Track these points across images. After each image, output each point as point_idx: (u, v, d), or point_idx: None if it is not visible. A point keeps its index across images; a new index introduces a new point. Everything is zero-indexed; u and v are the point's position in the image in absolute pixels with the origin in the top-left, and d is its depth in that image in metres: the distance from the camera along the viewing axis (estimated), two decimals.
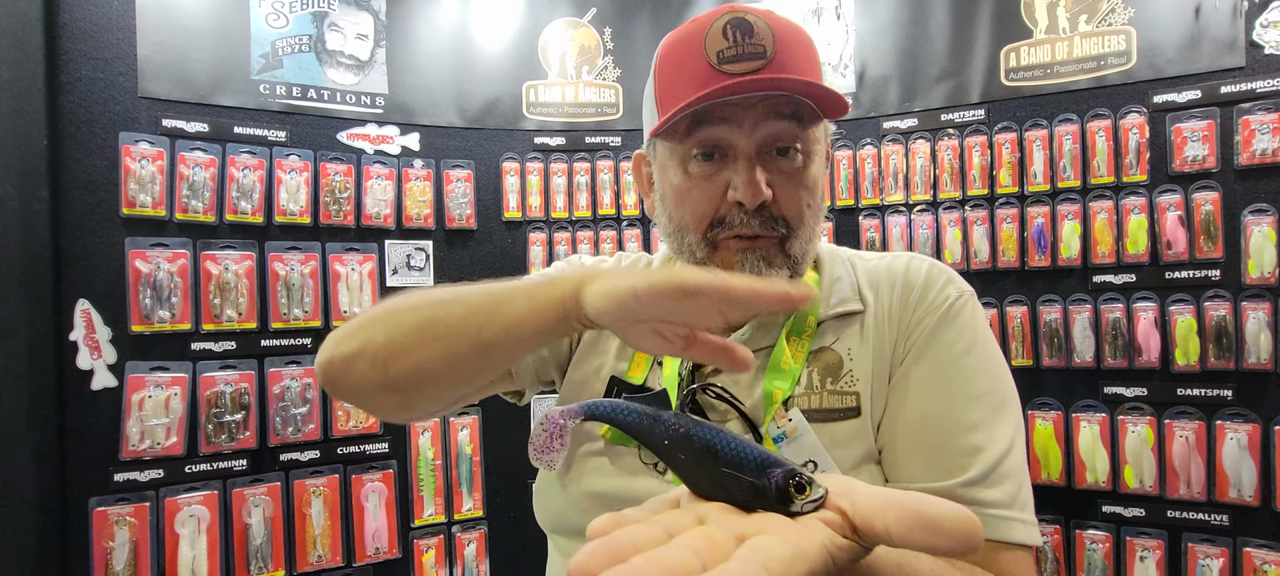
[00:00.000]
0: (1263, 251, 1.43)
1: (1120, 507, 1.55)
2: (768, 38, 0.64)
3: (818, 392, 0.67)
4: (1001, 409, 0.64)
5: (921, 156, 1.74)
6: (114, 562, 1.41)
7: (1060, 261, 1.61)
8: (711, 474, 0.35)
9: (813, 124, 0.67)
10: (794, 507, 0.32)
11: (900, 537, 0.30)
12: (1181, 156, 1.51)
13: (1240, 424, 1.44)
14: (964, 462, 0.61)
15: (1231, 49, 1.47)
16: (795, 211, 0.67)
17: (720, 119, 0.65)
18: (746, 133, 0.65)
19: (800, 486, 0.32)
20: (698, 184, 0.67)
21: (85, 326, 1.42)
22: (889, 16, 1.78)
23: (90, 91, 1.44)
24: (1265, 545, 1.42)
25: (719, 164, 0.67)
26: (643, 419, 0.39)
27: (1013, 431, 0.63)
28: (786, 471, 0.33)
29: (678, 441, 0.36)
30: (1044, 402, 1.62)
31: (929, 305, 0.68)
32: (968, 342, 0.66)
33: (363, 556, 1.63)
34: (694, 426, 0.36)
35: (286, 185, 1.59)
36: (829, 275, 0.73)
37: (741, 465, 0.34)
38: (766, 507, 0.33)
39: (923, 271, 0.71)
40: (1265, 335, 1.42)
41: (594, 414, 0.41)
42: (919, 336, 0.67)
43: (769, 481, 0.33)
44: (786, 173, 0.66)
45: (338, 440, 1.63)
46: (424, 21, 1.76)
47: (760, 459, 0.34)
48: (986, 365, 0.66)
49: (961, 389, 0.64)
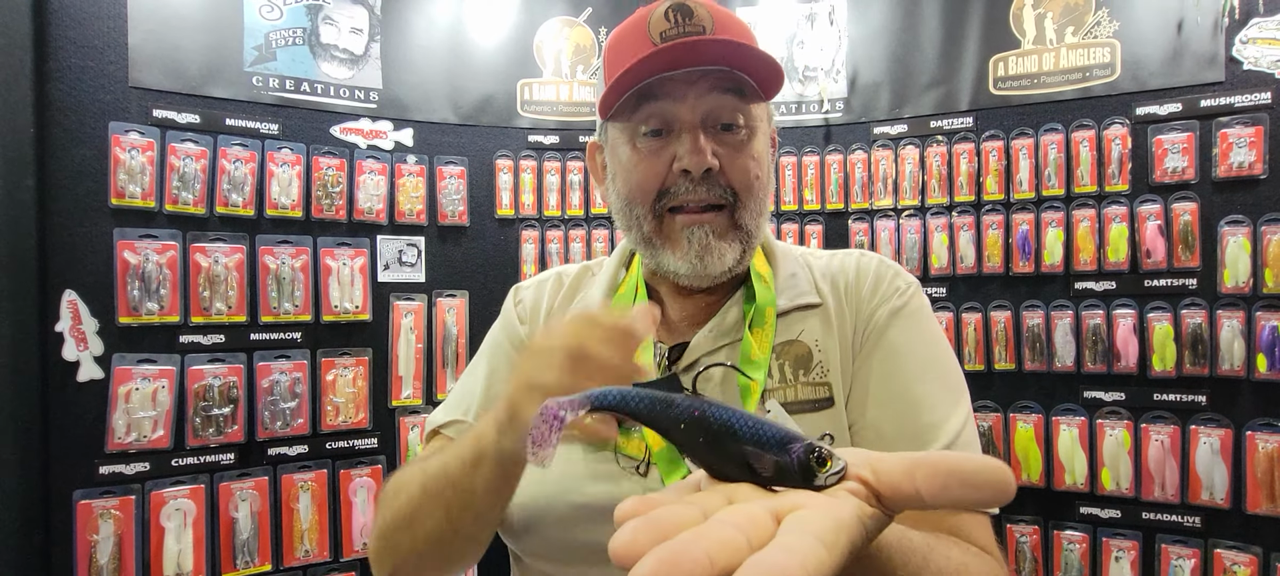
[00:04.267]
0: (1238, 261, 1.47)
1: (1097, 509, 1.59)
2: (707, 19, 0.67)
3: (792, 385, 0.69)
4: (956, 389, 0.69)
5: (910, 162, 1.77)
6: (98, 556, 1.40)
7: (1043, 268, 1.64)
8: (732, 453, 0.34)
9: (754, 100, 0.71)
10: (817, 481, 0.32)
11: (932, 496, 0.30)
12: (1162, 167, 1.55)
13: (1213, 429, 1.49)
14: (927, 437, 0.65)
15: (1212, 64, 1.51)
16: (743, 181, 0.69)
17: (665, 94, 0.68)
18: (689, 106, 0.68)
19: (822, 459, 0.32)
20: (645, 158, 0.70)
21: (72, 317, 1.41)
22: (881, 24, 1.81)
23: (80, 80, 1.42)
24: (1235, 546, 1.46)
25: (666, 139, 0.69)
26: (655, 404, 0.37)
27: (967, 408, 0.68)
28: (807, 446, 0.32)
29: (694, 424, 0.35)
30: (1025, 405, 1.66)
31: (882, 295, 0.72)
32: (919, 329, 0.71)
33: (350, 551, 1.63)
34: (709, 407, 0.35)
35: (278, 178, 1.58)
36: (785, 270, 0.76)
37: (762, 442, 0.33)
38: (790, 484, 0.32)
39: (873, 265, 0.75)
40: (1239, 343, 1.47)
41: (601, 403, 0.38)
42: (876, 325, 0.71)
43: (792, 456, 0.32)
44: (732, 145, 0.70)
45: (326, 435, 1.62)
46: (419, 17, 1.75)
47: (780, 435, 0.33)
48: (938, 351, 0.71)
49: (919, 371, 0.68)
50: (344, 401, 1.64)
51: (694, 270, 0.70)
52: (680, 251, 0.70)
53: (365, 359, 1.66)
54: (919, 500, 0.31)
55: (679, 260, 0.70)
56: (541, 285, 0.84)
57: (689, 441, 0.35)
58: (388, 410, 1.70)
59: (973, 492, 0.30)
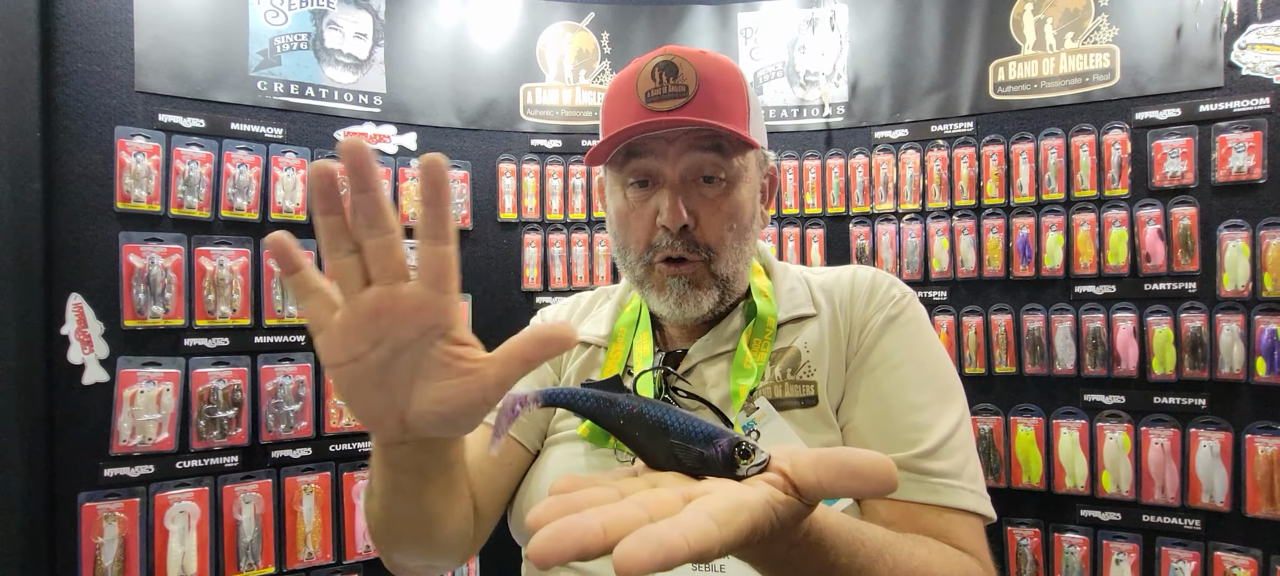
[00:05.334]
0: (1237, 265, 1.48)
1: (1098, 511, 1.59)
2: (691, 78, 0.71)
3: (780, 384, 0.74)
4: (947, 393, 0.72)
5: (911, 166, 1.78)
6: (103, 558, 1.40)
7: (1043, 272, 1.65)
8: (664, 447, 0.37)
9: (736, 153, 0.74)
10: (739, 472, 0.35)
11: (829, 485, 0.34)
12: (1161, 172, 1.56)
13: (1213, 432, 1.49)
14: (915, 437, 0.67)
15: (1211, 69, 1.52)
16: (717, 237, 0.74)
17: (648, 151, 0.73)
18: (670, 163, 0.73)
19: (745, 453, 0.35)
20: (634, 209, 0.76)
21: (77, 320, 1.41)
22: (882, 29, 1.82)
23: (86, 85, 1.43)
24: (1235, 549, 1.47)
25: (650, 191, 0.75)
26: (598, 402, 0.41)
27: (959, 413, 0.71)
28: (732, 440, 0.36)
29: (632, 420, 0.39)
30: (1026, 409, 1.67)
31: (878, 303, 0.76)
32: (913, 335, 0.74)
33: (353, 553, 1.63)
34: (646, 405, 0.39)
35: (283, 182, 1.59)
36: (784, 286, 0.81)
37: (690, 437, 0.37)
38: (715, 474, 0.36)
39: (869, 276, 0.79)
40: (1238, 346, 1.47)
41: (552, 399, 0.43)
42: (872, 331, 0.75)
43: (716, 449, 0.36)
44: (710, 199, 0.74)
45: (330, 437, 1.63)
46: (423, 21, 1.76)
47: (707, 431, 0.37)
48: (931, 355, 0.74)
49: (910, 376, 0.71)
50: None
51: (674, 315, 0.76)
52: (664, 296, 0.75)
53: None
54: (821, 489, 0.35)
55: (662, 304, 0.76)
56: (560, 308, 0.91)
57: (629, 435, 0.39)
58: None
59: (860, 483, 0.34)
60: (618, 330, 0.81)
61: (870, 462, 0.34)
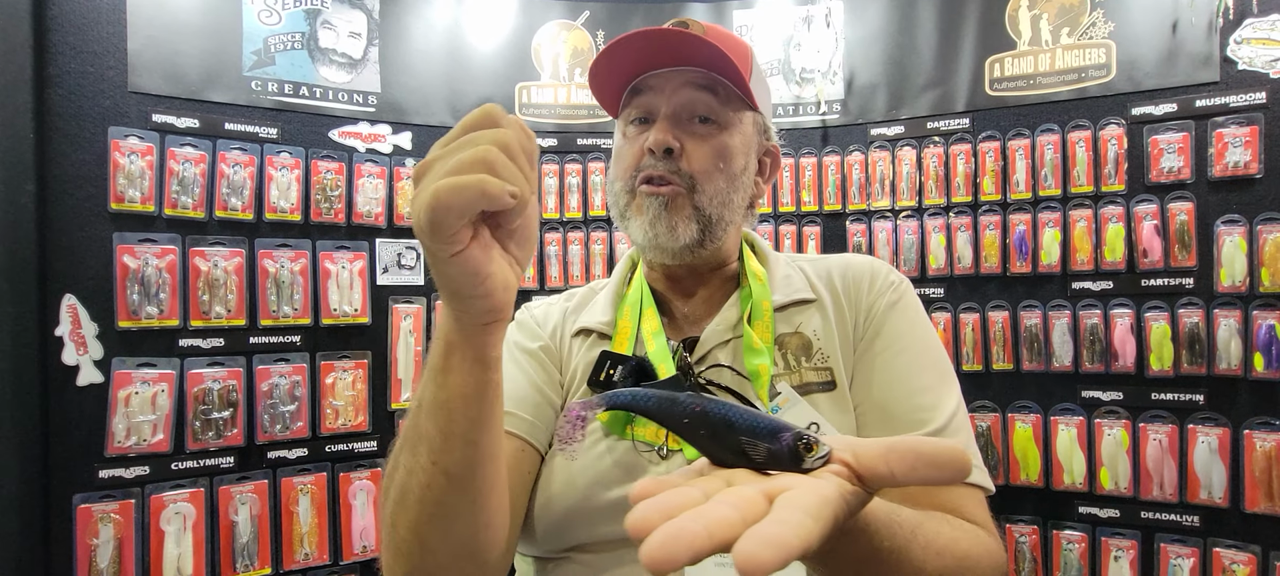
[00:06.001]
0: (1234, 261, 1.48)
1: (1096, 508, 1.59)
2: (698, 29, 0.76)
3: (796, 371, 0.76)
4: (947, 376, 0.76)
5: (907, 163, 1.77)
6: (98, 560, 1.40)
7: (1041, 268, 1.65)
8: (730, 443, 0.38)
9: (732, 105, 0.78)
10: (805, 465, 0.36)
11: (903, 475, 0.35)
12: (1158, 167, 1.56)
13: (1211, 428, 1.49)
14: (923, 417, 0.71)
15: (1207, 64, 1.52)
16: (702, 168, 0.77)
17: (648, 88, 0.78)
18: (666, 97, 0.77)
19: (809, 445, 0.36)
20: (629, 143, 0.80)
21: (71, 321, 1.41)
22: (877, 26, 1.82)
23: (79, 85, 1.43)
24: (1234, 545, 1.46)
25: (646, 127, 0.78)
26: (661, 403, 0.41)
27: (958, 393, 0.75)
28: (795, 433, 0.36)
29: (696, 419, 0.39)
30: (1023, 405, 1.66)
31: (878, 290, 0.79)
32: (913, 319, 0.78)
33: (350, 554, 1.63)
34: (709, 404, 0.40)
35: (277, 182, 1.59)
36: (779, 272, 0.83)
37: (756, 432, 0.37)
38: (781, 468, 0.36)
39: (867, 264, 0.82)
40: (1235, 342, 1.47)
41: (615, 403, 0.43)
42: (875, 317, 0.78)
43: (782, 444, 0.36)
44: (701, 135, 0.77)
45: (326, 438, 1.62)
46: (417, 21, 1.76)
47: (772, 425, 0.37)
48: (931, 339, 0.78)
49: (915, 359, 0.75)
50: (343, 404, 1.64)
51: (649, 238, 0.77)
52: (642, 218, 0.77)
53: (364, 362, 1.67)
54: (893, 479, 0.35)
55: (641, 228, 0.77)
56: (550, 303, 0.90)
57: (693, 434, 0.40)
58: (387, 413, 1.70)
59: (937, 471, 0.35)
60: (621, 311, 0.82)
61: (945, 451, 0.35)
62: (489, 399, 0.54)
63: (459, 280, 0.47)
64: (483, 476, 0.56)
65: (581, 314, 0.85)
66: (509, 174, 0.44)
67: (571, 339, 0.82)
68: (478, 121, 0.47)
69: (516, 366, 0.80)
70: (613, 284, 0.86)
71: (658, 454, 0.72)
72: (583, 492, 0.71)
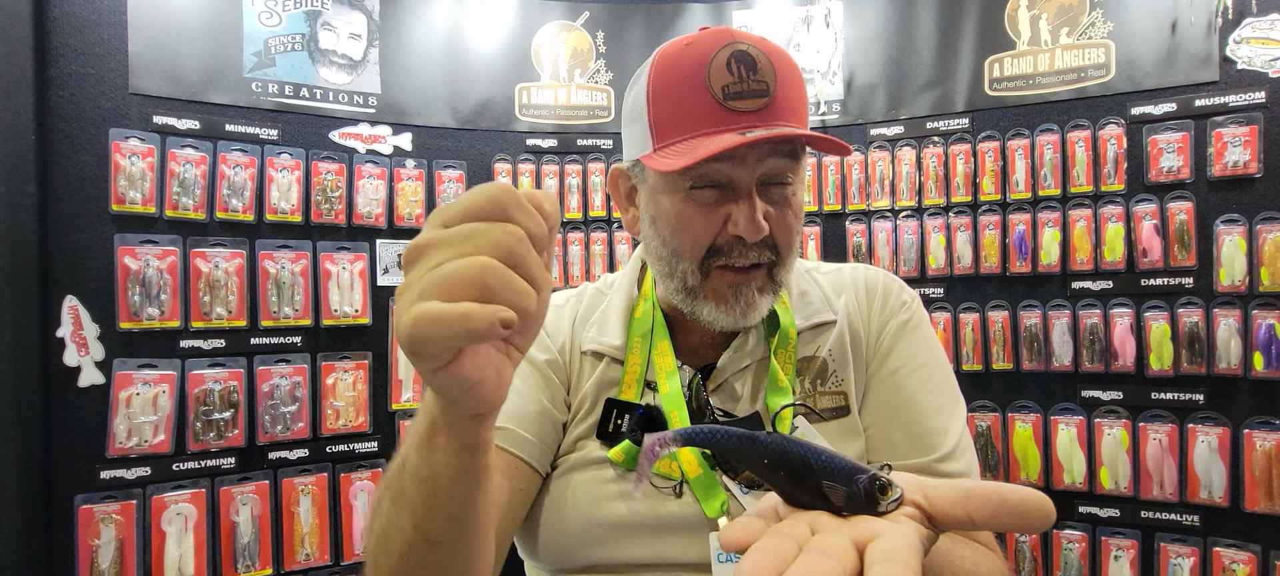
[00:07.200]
0: (1233, 260, 1.48)
1: (1096, 508, 1.59)
2: (769, 74, 0.66)
3: (811, 396, 0.74)
4: (955, 396, 0.75)
5: (907, 163, 1.77)
6: (99, 560, 1.40)
7: (1040, 268, 1.65)
8: (810, 486, 0.38)
9: (804, 155, 0.72)
10: (880, 508, 0.36)
11: (983, 521, 0.35)
12: (1157, 167, 1.56)
13: (1211, 427, 1.49)
14: (935, 441, 0.70)
15: (1206, 63, 1.52)
16: (787, 240, 0.71)
17: (724, 155, 0.66)
18: (749, 168, 0.67)
19: (883, 488, 0.36)
20: (699, 213, 0.69)
21: (73, 323, 1.41)
22: (877, 26, 1.82)
23: (80, 87, 1.43)
24: (1234, 545, 1.47)
25: (719, 195, 0.68)
26: (742, 441, 0.41)
27: (964, 411, 0.75)
28: (871, 476, 0.37)
29: (776, 460, 0.39)
30: (1023, 405, 1.66)
31: (891, 309, 0.78)
32: (924, 338, 0.77)
33: (351, 555, 1.63)
34: (788, 443, 0.39)
35: (278, 183, 1.59)
36: (797, 288, 0.80)
37: (834, 474, 0.37)
38: (857, 510, 0.37)
39: (880, 280, 0.81)
40: (1235, 341, 1.47)
41: (691, 440, 0.42)
42: (888, 335, 0.77)
43: (858, 486, 0.36)
44: (779, 203, 0.70)
45: (326, 438, 1.63)
46: (417, 22, 1.76)
47: (847, 467, 0.37)
48: (939, 360, 0.77)
49: (925, 380, 0.74)
50: (344, 405, 1.64)
51: (735, 323, 0.71)
52: (724, 306, 0.70)
53: (365, 362, 1.67)
54: (971, 524, 0.35)
55: (721, 314, 0.71)
56: (559, 309, 0.83)
57: (773, 475, 0.40)
58: (388, 413, 1.70)
59: (1021, 521, 0.34)
60: (632, 341, 0.77)
61: (1029, 500, 0.34)
62: (476, 478, 0.48)
63: (444, 388, 0.41)
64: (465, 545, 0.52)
65: (591, 327, 0.80)
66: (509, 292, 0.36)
67: (581, 356, 0.79)
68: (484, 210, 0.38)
69: (522, 380, 0.76)
70: (622, 296, 0.80)
71: (673, 491, 0.71)
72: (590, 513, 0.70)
